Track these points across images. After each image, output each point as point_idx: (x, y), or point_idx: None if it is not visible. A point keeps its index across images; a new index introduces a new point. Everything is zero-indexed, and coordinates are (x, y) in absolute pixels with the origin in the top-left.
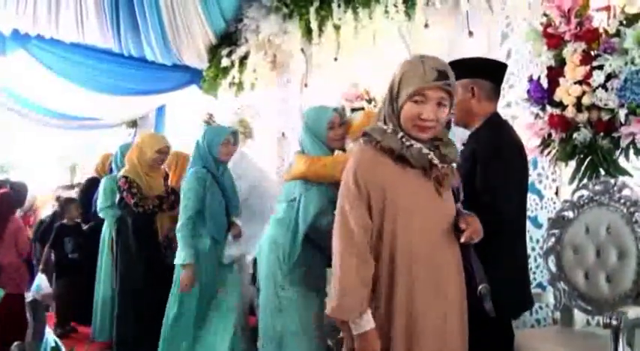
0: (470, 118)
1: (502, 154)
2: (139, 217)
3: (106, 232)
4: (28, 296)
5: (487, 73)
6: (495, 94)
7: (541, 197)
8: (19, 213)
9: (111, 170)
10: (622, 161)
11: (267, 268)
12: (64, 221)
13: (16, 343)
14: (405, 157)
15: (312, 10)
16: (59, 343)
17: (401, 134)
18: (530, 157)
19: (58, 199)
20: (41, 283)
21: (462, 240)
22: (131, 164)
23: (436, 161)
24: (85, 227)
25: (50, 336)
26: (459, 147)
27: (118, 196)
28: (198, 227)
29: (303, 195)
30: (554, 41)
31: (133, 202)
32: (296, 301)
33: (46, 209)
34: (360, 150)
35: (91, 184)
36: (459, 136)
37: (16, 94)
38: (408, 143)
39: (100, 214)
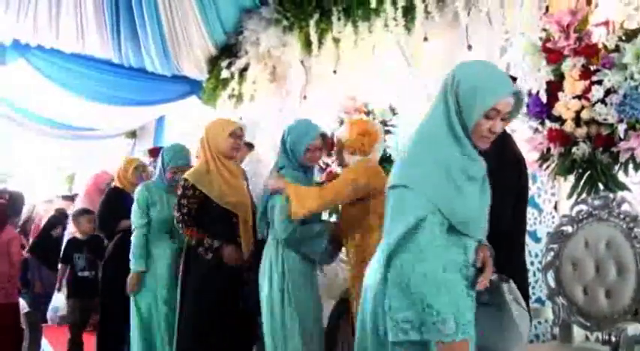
0: None
1: (500, 174)
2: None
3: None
4: (24, 308)
5: None
6: None
7: (540, 211)
8: (20, 222)
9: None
10: (621, 176)
11: None
12: (77, 235)
13: None
14: None
15: (311, 22)
16: None
17: None
18: (529, 172)
19: (57, 210)
20: (57, 303)
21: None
22: (201, 160)
23: None
24: (110, 246)
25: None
26: None
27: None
28: None
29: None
30: (554, 56)
31: (179, 216)
32: None
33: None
34: None
35: (115, 195)
36: None
37: (16, 104)
38: None
39: None
